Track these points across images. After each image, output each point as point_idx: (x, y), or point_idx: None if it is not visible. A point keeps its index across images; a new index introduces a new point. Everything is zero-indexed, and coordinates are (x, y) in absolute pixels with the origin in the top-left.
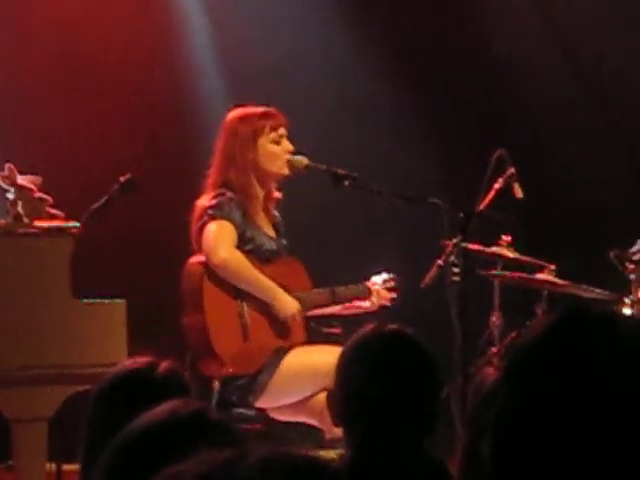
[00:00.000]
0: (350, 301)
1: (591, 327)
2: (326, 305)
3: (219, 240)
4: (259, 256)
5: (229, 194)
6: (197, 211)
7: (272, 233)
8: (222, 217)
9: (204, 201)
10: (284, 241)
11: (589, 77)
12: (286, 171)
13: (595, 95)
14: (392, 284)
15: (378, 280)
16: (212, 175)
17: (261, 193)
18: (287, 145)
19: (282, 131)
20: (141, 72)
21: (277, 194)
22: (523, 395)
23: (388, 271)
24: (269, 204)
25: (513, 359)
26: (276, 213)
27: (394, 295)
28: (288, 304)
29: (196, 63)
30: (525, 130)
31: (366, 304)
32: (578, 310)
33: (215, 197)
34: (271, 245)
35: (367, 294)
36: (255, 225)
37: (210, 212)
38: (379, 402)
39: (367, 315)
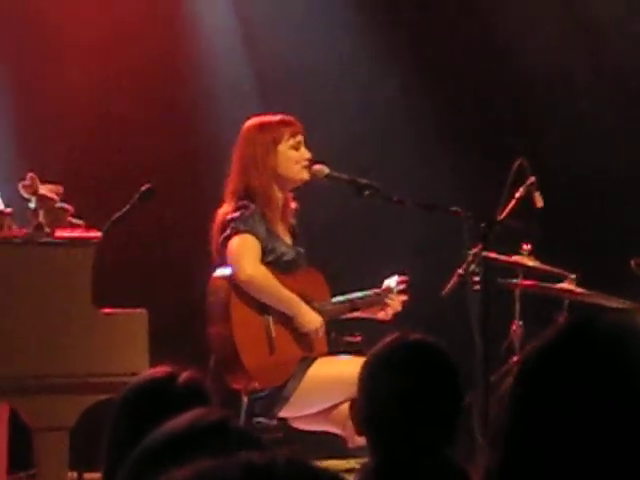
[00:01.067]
0: (367, 309)
1: (601, 335)
2: (344, 314)
3: (245, 255)
4: (280, 267)
5: (252, 207)
6: (219, 221)
7: (290, 241)
8: (246, 231)
9: (226, 210)
10: (301, 249)
11: (615, 84)
12: (306, 176)
13: (621, 103)
14: (404, 286)
15: (392, 283)
16: (232, 183)
17: (280, 200)
18: (305, 152)
19: (300, 138)
20: (161, 82)
21: (294, 204)
22: (531, 401)
23: (400, 273)
24: (287, 212)
25: (523, 365)
26: (292, 220)
27: (405, 298)
28: (312, 319)
29: (216, 73)
30: (546, 139)
31: (381, 315)
32: (590, 317)
33: (238, 209)
34: (291, 255)
35: (382, 300)
36: (276, 235)
37: (234, 225)
38: (402, 411)
39: (388, 323)
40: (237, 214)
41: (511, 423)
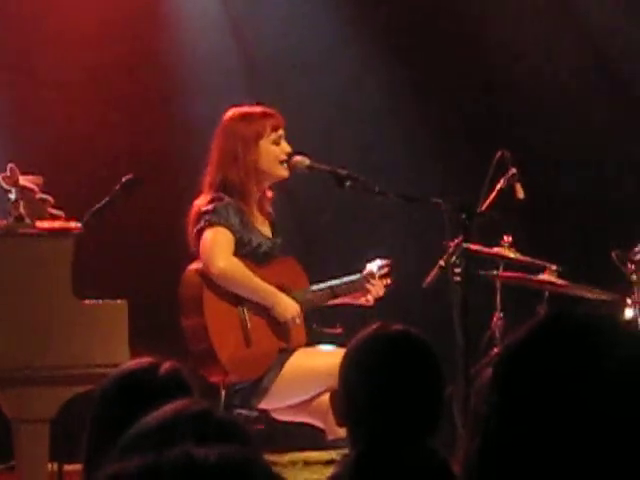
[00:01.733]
0: (348, 295)
1: (576, 328)
2: (325, 301)
3: (216, 249)
4: (256, 258)
5: (227, 199)
6: (194, 212)
7: (268, 232)
8: (219, 223)
9: (201, 202)
10: (279, 239)
11: (600, 77)
12: (286, 174)
13: (606, 95)
14: (386, 270)
15: (374, 268)
16: (210, 174)
17: (257, 193)
18: (285, 146)
19: (281, 132)
20: (141, 72)
21: (270, 193)
22: (506, 398)
23: (382, 257)
24: (264, 202)
25: (501, 358)
26: (270, 210)
27: (388, 281)
28: (288, 307)
29: (196, 63)
30: (528, 130)
31: (362, 301)
32: (565, 311)
33: (212, 201)
34: (267, 245)
35: (363, 286)
36: (252, 227)
37: (207, 218)
38: (383, 402)
39: (369, 313)
40: (210, 206)
41: (489, 413)
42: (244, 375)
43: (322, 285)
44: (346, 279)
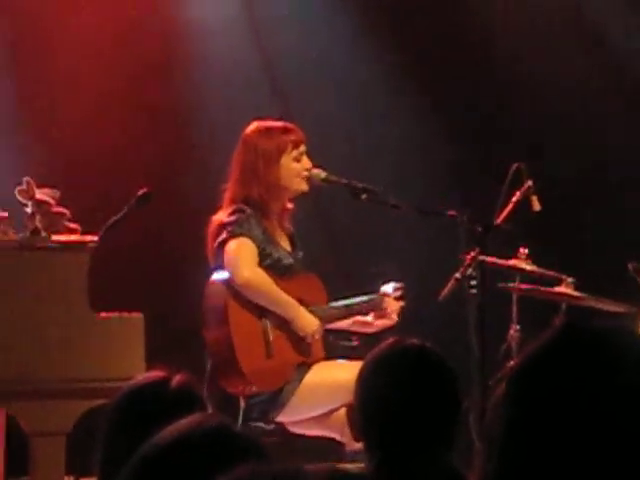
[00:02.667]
0: (366, 314)
1: (586, 345)
2: (342, 319)
3: (241, 259)
4: (277, 271)
5: (248, 210)
6: (214, 226)
7: (288, 246)
8: (242, 234)
9: (221, 216)
10: (300, 254)
11: (614, 85)
12: (305, 188)
13: (618, 105)
14: (400, 292)
15: (388, 290)
16: (231, 190)
17: (278, 208)
18: (307, 162)
19: (302, 148)
20: (158, 85)
21: (290, 205)
22: (519, 413)
23: (396, 280)
24: (284, 217)
25: (513, 374)
26: (289, 225)
27: (402, 304)
28: (309, 322)
29: (215, 75)
30: (543, 142)
31: (385, 322)
32: (580, 325)
33: (233, 213)
34: (288, 260)
35: (381, 306)
36: (273, 240)
37: (230, 229)
38: (399, 416)
39: (391, 329)
40: (233, 218)
41: (504, 432)
42: (264, 386)
43: (339, 303)
44: (363, 298)
